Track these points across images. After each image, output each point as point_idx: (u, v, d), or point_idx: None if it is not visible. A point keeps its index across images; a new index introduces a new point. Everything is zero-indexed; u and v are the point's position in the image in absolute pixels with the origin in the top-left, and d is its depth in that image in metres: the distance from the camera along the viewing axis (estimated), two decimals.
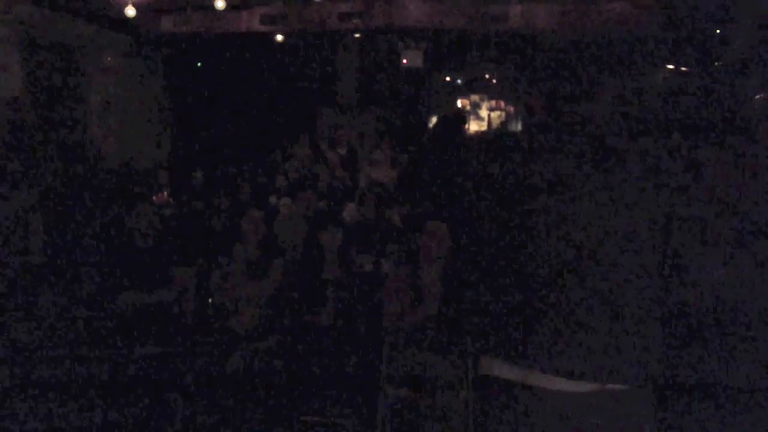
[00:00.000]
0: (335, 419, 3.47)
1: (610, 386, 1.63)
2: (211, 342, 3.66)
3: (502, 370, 1.70)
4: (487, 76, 13.96)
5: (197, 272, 4.12)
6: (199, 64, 10.82)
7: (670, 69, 10.27)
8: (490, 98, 14.15)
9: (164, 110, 10.09)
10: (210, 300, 3.85)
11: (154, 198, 6.44)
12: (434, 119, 14.23)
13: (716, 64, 8.79)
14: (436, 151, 1.96)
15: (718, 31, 8.47)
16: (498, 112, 14.18)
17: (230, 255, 3.93)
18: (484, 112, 14.26)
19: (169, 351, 3.63)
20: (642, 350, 1.66)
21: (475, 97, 14.22)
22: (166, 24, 9.44)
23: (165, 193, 6.60)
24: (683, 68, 9.80)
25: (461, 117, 2.03)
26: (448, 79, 14.17)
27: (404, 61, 11.29)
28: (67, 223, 5.15)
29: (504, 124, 13.87)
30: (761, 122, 8.20)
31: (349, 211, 5.58)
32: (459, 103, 14.27)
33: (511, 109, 14.00)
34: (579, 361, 1.62)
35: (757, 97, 8.47)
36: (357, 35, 11.06)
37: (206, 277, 4.02)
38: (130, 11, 7.86)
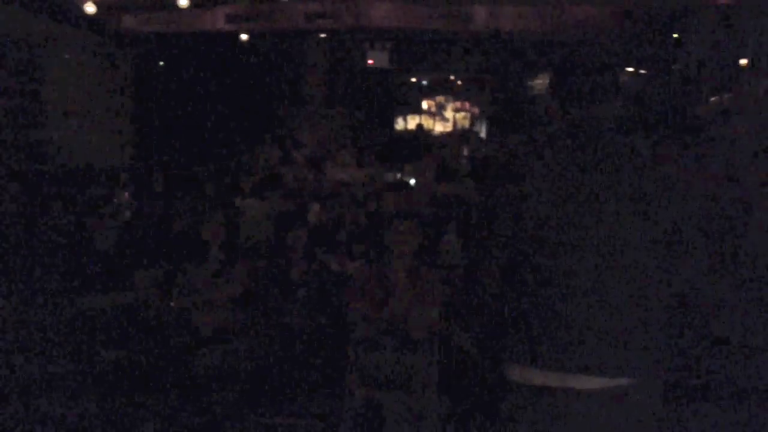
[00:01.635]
0: (302, 420, 3.45)
1: (618, 383, 1.64)
2: (174, 344, 3.61)
3: (534, 376, 1.69)
4: (452, 77, 14.07)
5: (160, 274, 4.05)
6: (162, 63, 10.66)
7: (630, 71, 10.50)
8: (456, 99, 14.27)
9: (127, 109, 9.91)
10: (174, 302, 3.79)
11: (115, 199, 6.31)
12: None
13: (674, 66, 9.02)
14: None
15: (675, 35, 8.70)
16: (463, 113, 14.30)
17: (194, 256, 3.87)
18: (449, 113, 14.37)
19: (132, 354, 3.58)
20: (650, 345, 1.69)
21: (440, 98, 14.32)
22: (129, 22, 9.27)
23: (127, 193, 6.48)
24: (642, 71, 10.04)
25: None
26: (414, 79, 14.24)
27: (370, 61, 11.31)
28: (24, 224, 5.02)
29: (470, 125, 13.99)
30: (717, 123, 8.45)
31: (316, 211, 5.56)
32: (424, 104, 14.36)
33: (476, 110, 14.14)
34: (593, 357, 1.64)
35: (713, 99, 8.72)
36: (323, 35, 11.03)
37: (170, 279, 3.96)
38: (90, 8, 7.70)
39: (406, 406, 3.12)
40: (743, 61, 7.66)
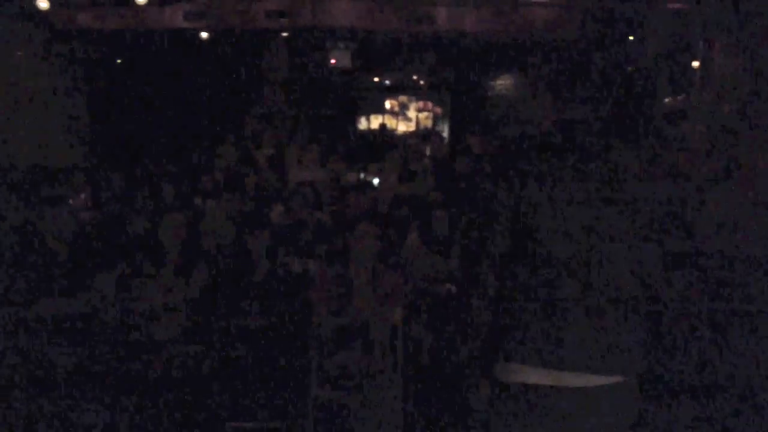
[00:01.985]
0: (266, 423, 3.42)
1: (596, 381, 1.66)
2: (133, 349, 3.54)
3: (529, 374, 1.69)
4: (415, 77, 14.13)
5: (118, 277, 3.96)
6: (119, 61, 10.43)
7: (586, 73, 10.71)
8: (418, 99, 14.34)
9: (82, 109, 9.66)
10: (132, 306, 3.71)
11: (70, 201, 6.15)
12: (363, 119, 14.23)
13: (630, 68, 9.25)
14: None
15: (631, 37, 8.92)
16: (426, 113, 14.38)
17: (153, 259, 3.80)
18: (412, 113, 14.43)
19: (90, 360, 3.50)
20: (628, 343, 1.71)
21: (403, 98, 14.37)
22: (83, 19, 9.03)
23: (82, 195, 6.32)
24: (600, 73, 10.25)
25: None
26: (376, 79, 14.25)
27: (332, 60, 11.27)
28: None
29: (433, 125, 14.07)
30: (673, 125, 8.70)
31: (277, 212, 5.51)
32: (387, 104, 14.39)
33: (438, 110, 14.22)
34: (576, 354, 1.65)
35: (666, 100, 8.97)
36: (285, 34, 10.94)
37: (127, 283, 3.88)
38: (43, 3, 7.48)
39: (370, 406, 3.12)
40: (695, 64, 7.90)
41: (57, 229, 4.03)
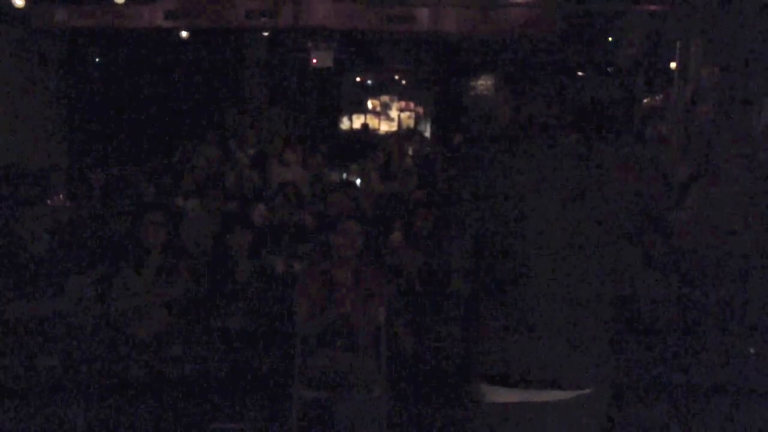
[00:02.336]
0: (249, 424, 3.41)
1: (565, 394, 1.62)
2: (113, 351, 3.50)
3: (500, 394, 1.65)
4: (396, 77, 14.15)
5: (97, 279, 3.91)
6: (98, 60, 10.30)
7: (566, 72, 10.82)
8: (400, 99, 14.37)
9: (60, 108, 9.52)
10: (111, 307, 3.66)
11: (48, 201, 6.06)
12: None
13: (609, 68, 9.35)
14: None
15: (610, 38, 9.01)
16: (408, 113, 14.41)
17: (133, 259, 3.76)
18: (394, 113, 14.45)
19: (68, 361, 3.45)
20: (596, 353, 1.67)
21: (385, 98, 14.38)
22: (61, 16, 8.89)
23: (61, 195, 6.23)
24: (579, 72, 10.36)
25: None
26: (358, 79, 14.24)
27: (314, 60, 11.24)
28: None
29: (415, 124, 14.11)
30: (650, 123, 8.81)
31: (259, 212, 5.48)
32: (369, 104, 14.39)
33: (421, 109, 14.26)
34: (540, 368, 1.61)
35: (645, 100, 9.09)
36: (266, 33, 10.89)
37: (107, 284, 3.83)
38: (19, 1, 7.36)
39: (354, 406, 3.12)
40: (672, 65, 8.01)
41: (34, 229, 3.97)
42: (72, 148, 9.48)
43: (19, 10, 7.56)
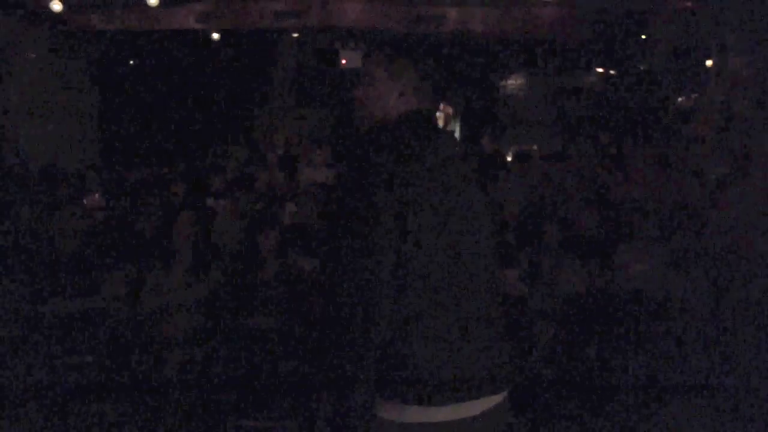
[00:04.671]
0: (277, 423, 3.43)
1: (470, 410, 1.49)
2: (144, 348, 3.56)
3: (401, 411, 1.50)
4: None
5: (129, 277, 3.99)
6: (131, 63, 10.49)
7: (599, 71, 10.66)
8: None
9: (95, 109, 9.74)
10: (143, 306, 3.74)
11: (83, 200, 6.20)
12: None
13: (641, 67, 9.19)
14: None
15: (642, 36, 8.86)
16: (437, 114, 14.36)
17: (164, 258, 3.82)
18: None
19: (101, 359, 3.52)
20: (491, 357, 1.55)
21: None
22: (96, 20, 9.10)
23: (95, 194, 6.37)
24: (611, 71, 10.20)
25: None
26: None
27: (343, 61, 11.28)
28: None
29: (443, 124, 14.05)
30: (684, 123, 8.63)
31: (288, 212, 5.53)
32: None
33: (449, 110, 14.20)
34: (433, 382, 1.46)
35: (680, 99, 8.91)
36: (295, 34, 10.98)
37: (139, 282, 3.91)
38: (56, 6, 7.55)
39: None
40: (708, 63, 7.84)
41: (70, 228, 4.07)
42: (106, 149, 9.69)
43: (56, 13, 7.75)
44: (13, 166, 7.25)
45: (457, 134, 13.06)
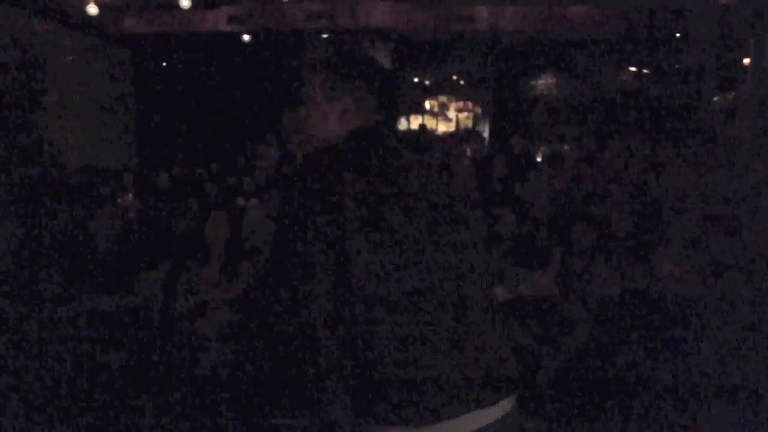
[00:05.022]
0: (303, 421, 3.45)
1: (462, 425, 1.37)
2: (178, 346, 3.61)
3: None
4: (455, 77, 14.06)
5: (163, 276, 4.05)
6: (164, 64, 10.67)
7: (633, 71, 10.49)
8: (458, 99, 14.26)
9: (129, 111, 9.93)
10: (177, 304, 3.79)
11: (119, 200, 6.32)
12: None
13: (676, 66, 9.02)
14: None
15: (677, 34, 8.69)
16: (466, 113, 14.29)
17: (197, 257, 3.88)
18: (452, 113, 14.36)
19: (135, 356, 3.58)
20: (492, 361, 1.44)
21: (443, 98, 14.31)
22: (131, 24, 9.28)
23: (130, 195, 6.49)
24: (644, 70, 10.03)
25: None
26: (416, 79, 14.23)
27: None
28: (29, 226, 5.03)
29: (473, 125, 13.99)
30: (719, 124, 8.45)
31: None
32: (427, 104, 14.35)
33: (479, 110, 14.12)
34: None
35: (716, 99, 8.71)
36: (324, 35, 11.04)
37: (173, 281, 3.96)
38: (93, 9, 7.72)
39: None
40: (746, 61, 7.66)
41: (106, 227, 4.14)
42: (141, 150, 9.87)
43: (93, 18, 7.93)
44: (53, 166, 7.43)
45: (486, 134, 12.99)
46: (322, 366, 1.46)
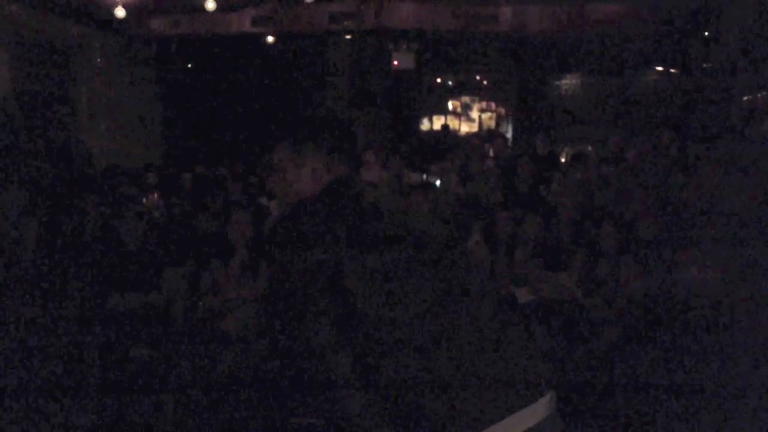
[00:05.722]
0: (329, 420, 3.45)
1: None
2: (202, 344, 3.64)
3: None
4: (478, 77, 13.99)
5: (187, 274, 4.10)
6: (189, 66, 10.79)
7: (660, 70, 10.34)
8: (481, 99, 14.20)
9: (154, 112, 10.05)
10: (200, 302, 3.83)
11: (144, 200, 6.40)
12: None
13: (705, 65, 8.86)
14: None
15: (706, 33, 8.54)
16: (489, 114, 14.22)
17: (221, 256, 3.91)
18: (475, 114, 14.30)
19: (159, 354, 3.62)
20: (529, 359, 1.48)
21: (466, 99, 14.25)
22: (156, 25, 9.40)
23: (155, 194, 6.57)
24: (672, 69, 9.88)
25: None
26: (439, 80, 14.19)
27: (395, 62, 11.30)
28: (56, 225, 5.12)
29: (495, 125, 13.91)
30: (750, 123, 8.27)
31: None
32: (450, 105, 14.31)
33: (502, 110, 14.04)
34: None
35: (746, 98, 8.53)
36: (348, 36, 11.06)
37: (196, 279, 4.00)
38: (120, 12, 7.83)
39: None
40: None
41: (131, 226, 4.20)
42: (166, 150, 9.98)
43: (120, 20, 8.05)
44: (81, 166, 7.55)
45: (509, 135, 12.91)
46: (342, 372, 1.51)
